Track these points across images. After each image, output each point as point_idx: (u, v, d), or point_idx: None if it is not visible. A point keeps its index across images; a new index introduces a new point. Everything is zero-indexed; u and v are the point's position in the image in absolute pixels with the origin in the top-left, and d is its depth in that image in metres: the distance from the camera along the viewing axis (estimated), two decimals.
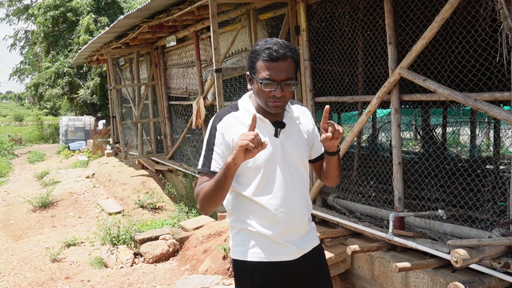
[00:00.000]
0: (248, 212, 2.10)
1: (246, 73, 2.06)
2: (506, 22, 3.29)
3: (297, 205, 2.13)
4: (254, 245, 2.11)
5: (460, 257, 3.15)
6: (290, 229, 2.12)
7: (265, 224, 2.08)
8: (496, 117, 3.24)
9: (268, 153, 2.05)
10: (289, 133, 2.12)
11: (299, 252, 2.15)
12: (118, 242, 6.42)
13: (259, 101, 2.04)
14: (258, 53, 1.97)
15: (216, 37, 5.00)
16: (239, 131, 2.03)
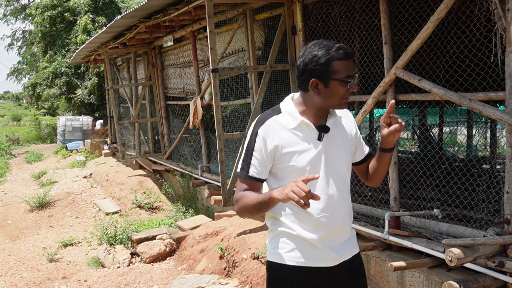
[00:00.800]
0: (290, 215, 2.07)
1: (311, 80, 1.97)
2: (500, 22, 3.31)
3: (340, 210, 2.10)
4: (293, 249, 2.08)
5: (455, 256, 3.16)
6: (332, 234, 2.08)
7: (307, 228, 2.05)
8: (490, 117, 3.26)
9: (312, 157, 2.03)
10: (333, 137, 2.09)
11: (339, 259, 2.12)
12: (115, 242, 6.43)
13: (332, 104, 2.02)
14: (331, 54, 1.93)
15: (212, 37, 5.01)
16: (281, 135, 2.02)
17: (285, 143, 2.01)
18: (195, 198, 7.99)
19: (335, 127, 2.11)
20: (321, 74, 1.95)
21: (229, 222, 5.99)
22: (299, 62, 2.02)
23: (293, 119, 2.03)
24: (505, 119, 3.09)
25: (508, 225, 3.34)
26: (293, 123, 2.02)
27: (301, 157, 2.01)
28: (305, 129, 2.04)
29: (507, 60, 3.24)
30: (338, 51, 1.93)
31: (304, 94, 2.05)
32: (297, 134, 2.03)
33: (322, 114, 2.07)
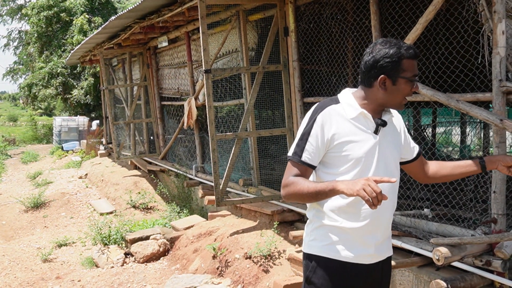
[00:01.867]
0: (335, 206, 2.09)
1: (380, 76, 2.02)
2: (488, 24, 3.36)
3: (385, 207, 2.08)
4: (334, 242, 2.10)
5: (442, 255, 3.21)
6: (375, 230, 2.10)
7: (351, 218, 2.07)
8: (477, 118, 3.30)
9: (368, 148, 2.06)
10: (387, 133, 2.14)
11: (377, 257, 2.15)
12: (109, 242, 6.45)
13: (396, 102, 2.07)
14: (401, 52, 1.99)
15: (205, 38, 5.04)
16: (339, 124, 2.05)
17: (342, 132, 2.04)
18: (190, 198, 8.02)
19: (389, 125, 2.16)
20: (391, 71, 2.01)
21: (223, 222, 6.02)
22: (367, 58, 2.05)
23: (353, 110, 2.07)
24: (491, 119, 3.13)
25: (495, 224, 3.38)
26: (352, 114, 2.06)
27: (357, 148, 2.04)
28: (363, 121, 2.07)
29: (494, 62, 3.28)
30: (408, 50, 2.00)
31: (366, 89, 2.09)
32: (355, 124, 2.06)
33: (380, 110, 2.12)
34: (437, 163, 2.39)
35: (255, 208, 5.58)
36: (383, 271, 2.21)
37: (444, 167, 2.34)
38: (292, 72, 5.26)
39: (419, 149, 2.33)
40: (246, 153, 6.41)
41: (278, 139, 6.07)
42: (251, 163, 6.10)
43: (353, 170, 2.06)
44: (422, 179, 2.40)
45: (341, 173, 2.07)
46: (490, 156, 2.26)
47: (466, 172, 2.29)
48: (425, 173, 2.36)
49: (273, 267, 4.75)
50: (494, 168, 2.23)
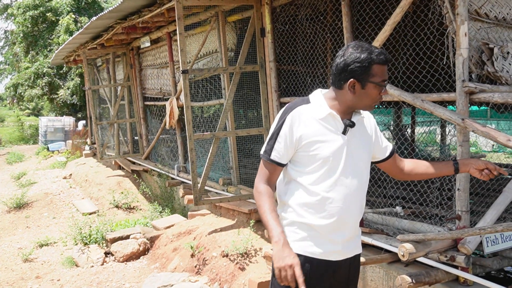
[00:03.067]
0: (303, 203, 2.14)
1: (350, 80, 2.07)
2: (452, 26, 3.45)
3: (353, 205, 2.16)
4: (302, 238, 2.14)
5: (407, 251, 3.29)
6: (342, 227, 2.14)
7: (319, 216, 2.12)
8: (441, 117, 3.38)
9: (336, 148, 2.11)
10: (355, 134, 2.18)
11: (344, 254, 2.19)
12: (89, 242, 6.47)
13: (364, 105, 2.13)
14: (372, 58, 2.04)
15: (182, 39, 5.09)
16: (308, 124, 2.10)
17: (311, 133, 2.10)
18: (172, 197, 8.06)
19: (359, 125, 2.21)
20: (360, 75, 2.05)
21: (202, 221, 6.07)
22: (338, 61, 2.09)
23: (322, 110, 2.12)
24: (453, 119, 3.22)
25: (459, 221, 3.47)
26: (321, 114, 2.11)
27: (325, 147, 2.09)
28: (331, 122, 2.13)
29: (457, 63, 3.37)
30: (379, 56, 2.05)
31: (337, 91, 2.14)
32: (323, 125, 2.11)
33: (349, 111, 2.17)
34: (413, 161, 2.46)
35: (233, 207, 5.65)
36: (351, 269, 2.25)
37: (419, 166, 2.43)
38: (268, 72, 5.33)
39: (393, 148, 2.40)
40: (226, 153, 6.48)
41: (258, 138, 6.15)
42: (231, 163, 6.17)
43: (321, 169, 2.12)
44: (397, 176, 2.48)
45: (309, 172, 2.14)
46: (464, 159, 2.36)
47: (439, 172, 2.39)
48: (400, 170, 2.44)
49: (249, 264, 4.82)
50: (466, 171, 2.32)
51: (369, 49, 2.05)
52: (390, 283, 3.94)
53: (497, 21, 3.73)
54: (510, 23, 3.82)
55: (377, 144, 2.34)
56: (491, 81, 3.56)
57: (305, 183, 2.14)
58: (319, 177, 2.12)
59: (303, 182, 2.14)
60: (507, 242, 3.77)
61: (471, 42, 3.43)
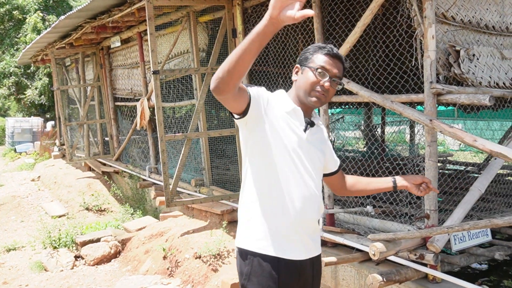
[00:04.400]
0: (263, 203, 2.10)
1: (296, 65, 2.17)
2: (420, 29, 3.52)
3: (312, 203, 2.14)
4: (265, 238, 2.10)
5: (377, 250, 3.33)
6: (302, 227, 2.13)
7: (279, 216, 2.09)
8: (410, 118, 3.45)
9: (297, 143, 2.11)
10: (313, 136, 2.20)
11: (306, 254, 2.17)
12: (59, 246, 6.33)
13: (304, 90, 2.12)
14: (319, 47, 2.13)
15: (153, 39, 5.04)
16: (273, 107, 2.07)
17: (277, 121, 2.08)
18: (143, 199, 7.97)
19: (316, 129, 2.23)
20: (302, 61, 2.16)
21: (174, 222, 6.02)
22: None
23: (288, 104, 2.14)
24: (422, 119, 3.28)
25: (428, 219, 3.54)
26: (288, 107, 2.13)
27: (289, 139, 2.09)
28: (295, 117, 2.14)
29: (425, 64, 3.44)
30: (324, 49, 2.13)
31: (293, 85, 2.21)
32: (288, 118, 2.11)
33: (307, 112, 2.18)
34: (354, 177, 2.49)
35: (206, 208, 5.62)
36: (314, 269, 2.23)
37: (359, 182, 2.46)
38: None
39: (340, 162, 2.43)
40: (198, 154, 6.44)
41: (230, 139, 6.13)
42: (203, 164, 6.14)
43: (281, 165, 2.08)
44: (339, 191, 2.51)
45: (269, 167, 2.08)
46: (402, 176, 2.38)
47: (378, 188, 2.43)
48: (342, 185, 2.46)
49: (222, 266, 4.81)
50: (404, 187, 2.35)
51: (321, 45, 2.15)
52: (362, 281, 3.99)
53: (463, 24, 3.83)
54: (475, 26, 3.92)
55: (330, 155, 2.36)
56: (457, 82, 3.65)
57: (264, 179, 2.11)
58: (279, 172, 2.09)
59: (262, 179, 2.11)
60: (473, 239, 3.88)
61: (439, 44, 3.51)
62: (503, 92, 3.86)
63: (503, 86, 3.92)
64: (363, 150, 9.63)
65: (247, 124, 2.06)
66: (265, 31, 1.69)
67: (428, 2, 3.36)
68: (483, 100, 3.20)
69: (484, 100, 3.18)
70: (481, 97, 3.21)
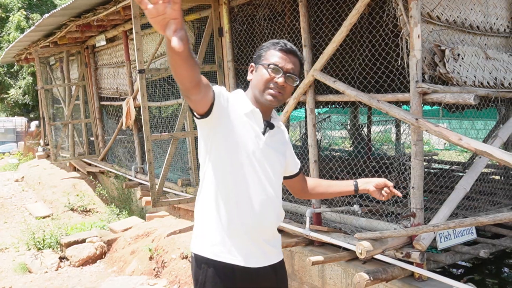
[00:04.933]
0: (219, 206, 1.99)
1: (251, 64, 2.09)
2: (405, 28, 3.53)
3: (270, 209, 2.06)
4: (220, 244, 1.99)
5: (364, 248, 3.34)
6: (260, 232, 2.04)
7: (235, 221, 1.99)
8: (396, 117, 3.46)
9: (255, 147, 2.02)
10: (273, 139, 2.11)
11: (265, 261, 2.07)
12: (43, 247, 6.26)
13: (258, 89, 2.03)
14: (271, 44, 2.05)
15: (138, 37, 5.00)
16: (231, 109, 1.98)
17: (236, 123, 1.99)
18: (129, 199, 7.91)
19: (276, 132, 2.14)
20: (257, 59, 2.07)
21: (161, 223, 5.99)
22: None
23: (246, 106, 2.04)
24: (408, 118, 3.30)
25: (414, 218, 3.56)
26: (245, 109, 2.03)
27: (248, 142, 2.00)
28: (253, 119, 2.04)
29: (411, 64, 3.46)
30: (278, 44, 2.04)
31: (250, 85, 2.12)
32: (246, 120, 2.02)
33: (266, 113, 2.08)
34: (315, 180, 2.44)
35: (193, 208, 5.59)
36: (277, 276, 2.14)
37: (320, 185, 2.40)
38: (227, 72, 5.30)
39: (301, 165, 2.37)
40: (184, 153, 6.41)
41: None
42: (189, 163, 6.11)
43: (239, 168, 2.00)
44: (299, 194, 2.43)
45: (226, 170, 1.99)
46: (364, 179, 2.31)
47: (339, 191, 2.37)
48: (302, 188, 2.39)
49: None
50: (365, 191, 2.27)
51: (273, 41, 2.07)
52: (349, 280, 4.00)
53: (448, 24, 3.86)
54: (460, 26, 3.96)
55: (291, 157, 2.28)
56: (443, 82, 3.68)
57: (222, 183, 2.00)
58: (237, 176, 2.00)
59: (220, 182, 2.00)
60: (459, 237, 3.91)
61: (424, 44, 3.53)
62: (487, 92, 3.90)
63: (487, 85, 3.96)
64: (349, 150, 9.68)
65: (208, 124, 1.96)
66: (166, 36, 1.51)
67: (414, 2, 3.37)
68: (468, 99, 3.23)
69: (469, 99, 3.21)
70: (466, 96, 3.24)
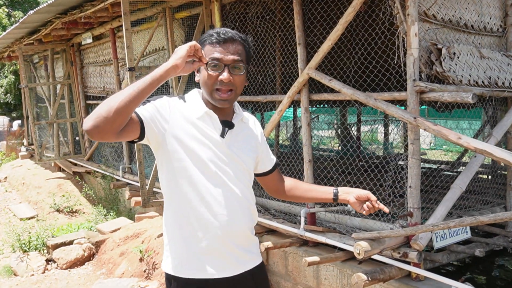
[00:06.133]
0: (182, 221, 1.88)
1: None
2: (402, 26, 3.50)
3: (240, 212, 1.92)
4: (190, 259, 1.88)
5: (362, 249, 3.30)
6: (230, 239, 1.91)
7: (203, 230, 1.86)
8: (393, 116, 3.43)
9: (213, 153, 1.86)
10: (237, 137, 1.95)
11: (239, 268, 1.94)
12: (29, 249, 6.10)
13: (206, 91, 1.87)
14: (205, 38, 1.84)
15: (128, 35, 4.91)
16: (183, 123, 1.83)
17: (185, 133, 1.84)
18: (117, 200, 7.79)
19: (240, 128, 1.98)
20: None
21: (150, 223, 5.89)
22: None
23: (198, 109, 1.88)
24: (406, 117, 3.27)
25: (411, 217, 3.53)
26: (197, 113, 1.87)
27: (202, 151, 1.84)
28: (208, 122, 1.88)
29: (408, 62, 3.43)
30: (212, 35, 1.82)
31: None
32: (199, 125, 1.86)
33: (224, 111, 1.93)
34: (293, 181, 2.25)
35: None
36: (255, 281, 2.03)
37: (297, 188, 2.22)
38: None
39: (276, 161, 2.20)
40: None
41: None
42: None
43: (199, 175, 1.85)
44: (274, 193, 2.27)
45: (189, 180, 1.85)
46: (346, 188, 2.13)
47: (316, 197, 2.20)
48: (278, 188, 2.23)
49: None
50: (345, 201, 2.08)
51: (209, 33, 1.84)
52: (344, 281, 3.96)
53: (444, 22, 3.84)
54: (455, 25, 3.95)
55: (265, 153, 2.13)
56: (438, 80, 3.66)
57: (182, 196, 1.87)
58: (197, 186, 1.85)
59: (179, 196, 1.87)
60: (454, 237, 3.90)
61: (421, 42, 3.50)
62: (482, 91, 3.89)
63: (482, 84, 3.96)
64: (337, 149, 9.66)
65: (151, 144, 1.84)
66: (165, 76, 1.67)
67: (411, 0, 3.34)
68: (466, 97, 3.21)
69: (467, 97, 3.19)
70: (464, 95, 3.22)
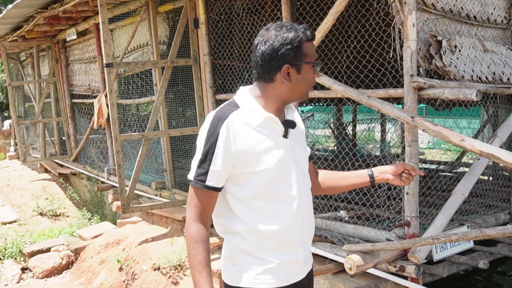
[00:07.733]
0: (259, 229, 1.74)
1: (284, 65, 1.68)
2: (398, 16, 3.18)
3: (309, 214, 1.86)
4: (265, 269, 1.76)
5: (354, 263, 2.99)
6: (301, 243, 1.83)
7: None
8: (389, 115, 3.11)
9: (280, 157, 1.73)
10: (294, 134, 1.83)
11: (306, 270, 1.88)
12: (4, 257, 5.76)
13: (302, 94, 1.78)
14: (298, 35, 1.67)
15: (105, 28, 4.58)
16: (245, 135, 1.70)
17: (250, 145, 1.70)
18: (102, 203, 7.46)
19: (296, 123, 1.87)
20: (293, 58, 1.69)
21: (133, 229, 5.56)
22: (264, 48, 1.69)
23: (258, 115, 1.72)
24: (402, 117, 2.94)
25: (408, 227, 3.21)
26: (257, 120, 1.71)
27: (268, 159, 1.71)
28: (269, 126, 1.74)
29: (405, 56, 3.11)
30: (306, 32, 1.70)
31: (267, 85, 1.75)
32: (262, 132, 1.72)
33: (282, 108, 1.80)
34: (325, 172, 2.09)
35: (167, 213, 5.18)
36: (309, 281, 1.94)
37: (331, 178, 2.06)
38: (203, 67, 4.91)
39: (311, 153, 2.01)
40: (159, 154, 5.99)
41: (194, 138, 5.70)
42: (164, 165, 5.69)
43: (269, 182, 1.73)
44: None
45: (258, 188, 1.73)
46: (380, 167, 2.03)
47: (353, 184, 2.05)
48: (313, 181, 2.03)
49: (183, 278, 4.38)
50: (384, 180, 1.99)
51: (294, 27, 1.70)
52: None
53: (444, 12, 3.51)
54: (456, 16, 3.61)
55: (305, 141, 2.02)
56: (438, 76, 3.34)
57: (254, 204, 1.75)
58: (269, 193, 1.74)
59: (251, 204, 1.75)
60: (455, 247, 3.57)
61: (419, 34, 3.18)
62: (486, 87, 3.57)
63: (486, 80, 3.63)
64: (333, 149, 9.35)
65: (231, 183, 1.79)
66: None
67: None
68: (470, 95, 2.88)
69: (471, 95, 2.86)
70: (468, 92, 2.89)
